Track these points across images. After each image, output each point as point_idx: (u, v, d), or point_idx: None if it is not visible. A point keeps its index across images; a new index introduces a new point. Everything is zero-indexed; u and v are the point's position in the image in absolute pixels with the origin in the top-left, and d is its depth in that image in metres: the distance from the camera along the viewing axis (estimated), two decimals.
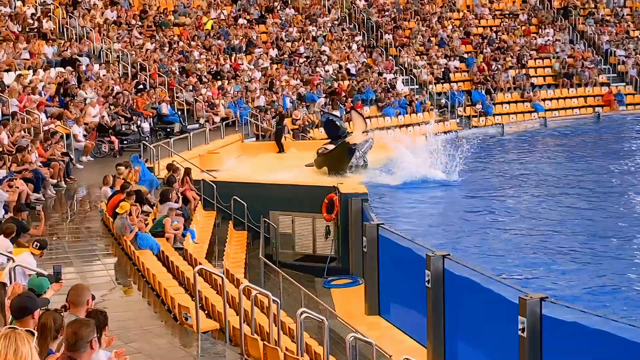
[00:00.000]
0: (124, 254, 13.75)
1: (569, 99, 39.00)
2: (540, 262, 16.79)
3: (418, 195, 22.27)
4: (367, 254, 14.75)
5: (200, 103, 27.81)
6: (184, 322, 10.27)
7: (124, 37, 30.69)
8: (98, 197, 17.51)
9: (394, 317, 14.12)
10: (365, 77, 34.44)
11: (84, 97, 23.93)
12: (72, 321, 5.52)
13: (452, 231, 19.14)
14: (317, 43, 36.36)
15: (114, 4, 33.06)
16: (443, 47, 39.27)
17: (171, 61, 30.34)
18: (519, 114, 37.19)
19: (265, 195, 19.06)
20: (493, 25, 42.53)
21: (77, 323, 5.42)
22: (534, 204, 21.95)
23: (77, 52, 27.48)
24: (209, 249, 16.33)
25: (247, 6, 37.50)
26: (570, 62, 40.26)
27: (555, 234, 18.92)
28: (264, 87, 31.19)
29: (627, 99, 39.67)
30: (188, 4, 35.82)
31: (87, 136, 22.33)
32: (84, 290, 6.81)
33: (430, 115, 34.24)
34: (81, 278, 12.06)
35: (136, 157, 19.33)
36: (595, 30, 43.15)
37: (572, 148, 31.51)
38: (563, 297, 12.54)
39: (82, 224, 16.27)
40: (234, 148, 25.94)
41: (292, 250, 18.57)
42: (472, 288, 11.50)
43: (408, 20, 40.80)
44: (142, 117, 24.69)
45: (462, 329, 11.90)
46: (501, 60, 39.16)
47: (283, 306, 11.45)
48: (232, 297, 11.23)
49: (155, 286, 11.75)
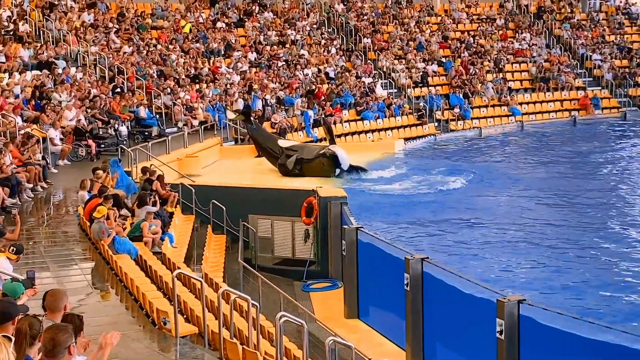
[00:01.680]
0: (101, 258, 13.65)
1: (546, 103, 39.31)
2: (518, 265, 16.90)
3: (397, 199, 22.32)
4: (346, 258, 14.75)
5: (179, 106, 27.71)
6: (162, 326, 10.21)
7: (101, 40, 30.51)
8: (75, 201, 17.38)
9: (373, 320, 14.13)
10: (344, 81, 34.50)
11: (58, 100, 23.76)
12: (49, 327, 5.46)
13: (430, 234, 19.22)
14: (296, 47, 36.37)
15: (91, 7, 32.87)
16: (421, 51, 39.46)
17: (149, 64, 30.22)
18: (496, 118, 37.42)
19: (244, 199, 19.01)
20: (470, 29, 42.78)
21: (55, 328, 5.36)
22: (511, 207, 22.09)
23: (54, 55, 27.29)
24: (187, 253, 16.25)
25: (226, 9, 37.44)
26: (547, 67, 40.61)
27: (532, 237, 19.06)
28: (243, 91, 31.14)
29: (602, 103, 40.09)
30: (166, 7, 35.70)
31: (63, 140, 22.17)
32: (61, 296, 6.75)
33: (409, 119, 34.41)
34: (58, 283, 11.96)
35: (116, 161, 19.22)
36: (571, 34, 43.53)
37: (549, 151, 31.74)
38: (541, 299, 12.61)
39: (58, 228, 16.13)
40: (212, 152, 25.88)
41: (271, 254, 18.53)
42: (450, 291, 11.53)
43: (386, 25, 40.95)
44: (119, 121, 24.55)
45: (441, 332, 11.93)
46: (479, 65, 39.41)
47: (262, 310, 11.41)
48: (211, 301, 11.18)
49: (133, 291, 11.67)
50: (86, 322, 6.57)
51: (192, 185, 19.45)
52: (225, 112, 27.83)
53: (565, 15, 45.06)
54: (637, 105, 40.83)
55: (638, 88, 41.37)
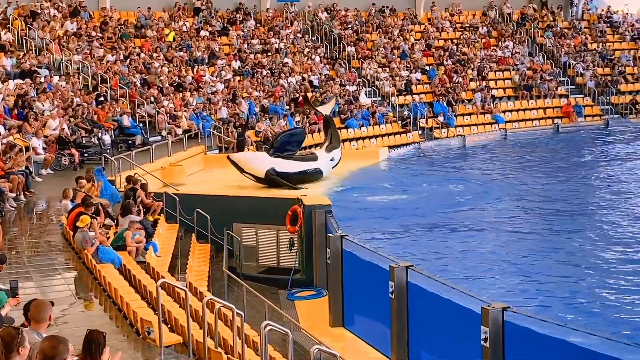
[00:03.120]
0: (84, 267, 13.58)
1: (529, 111, 39.53)
2: (503, 272, 16.94)
3: (381, 207, 22.35)
4: (331, 266, 14.74)
5: (162, 115, 27.64)
6: (146, 336, 10.16)
7: (84, 48, 30.42)
8: (58, 211, 17.28)
9: (358, 328, 14.12)
10: (328, 89, 34.55)
11: (41, 110, 23.65)
12: (51, 336, 5.46)
13: (415, 242, 19.24)
14: (280, 55, 36.40)
15: (74, 16, 32.76)
16: (405, 60, 39.59)
17: (132, 73, 30.15)
18: (480, 126, 37.58)
19: (229, 208, 18.97)
20: (454, 37, 42.97)
21: (56, 339, 5.37)
22: (495, 215, 22.16)
23: (37, 63, 27.18)
24: (171, 262, 16.19)
25: (209, 18, 37.43)
26: (530, 75, 40.84)
27: (516, 244, 19.12)
28: (227, 99, 31.11)
29: (585, 111, 40.36)
30: (149, 15, 35.64)
31: (46, 149, 22.06)
32: (46, 306, 6.70)
33: (393, 127, 34.51)
34: (41, 292, 11.89)
35: (100, 170, 19.14)
36: (553, 42, 43.83)
37: (532, 159, 31.90)
38: (525, 307, 12.66)
39: (42, 238, 16.04)
40: (196, 160, 25.82)
41: (256, 263, 18.50)
42: (435, 299, 11.55)
43: (370, 33, 41.06)
44: (102, 130, 24.46)
45: (426, 340, 11.94)
46: (462, 73, 39.60)
47: (247, 319, 11.38)
48: (195, 310, 11.14)
49: (117, 300, 11.61)
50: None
51: (176, 194, 19.39)
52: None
53: (548, 23, 45.37)
54: (619, 112, 41.14)
55: (620, 96, 41.68)
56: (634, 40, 45.52)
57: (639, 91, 42.28)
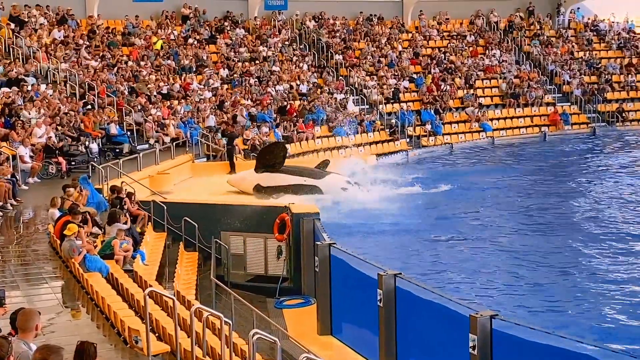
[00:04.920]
0: (72, 276, 13.51)
1: (516, 119, 39.71)
2: (490, 280, 16.97)
3: (369, 215, 22.34)
4: (319, 274, 14.71)
5: (150, 123, 27.58)
6: (134, 345, 10.11)
7: (72, 57, 30.35)
8: (45, 219, 17.20)
9: (346, 336, 14.10)
10: (316, 97, 34.58)
11: (28, 118, 23.56)
12: (44, 346, 5.41)
13: (404, 250, 19.25)
14: (268, 63, 36.43)
15: (61, 24, 32.69)
16: (392, 68, 39.69)
17: (120, 81, 30.09)
18: (467, 134, 37.71)
19: (217, 216, 18.92)
20: (441, 46, 43.13)
21: (48, 349, 5.33)
22: (483, 223, 22.21)
23: (24, 72, 27.09)
24: (159, 270, 16.12)
25: (197, 26, 37.42)
26: (517, 83, 41.04)
27: (503, 252, 19.17)
28: (214, 107, 31.09)
29: (572, 119, 40.56)
30: (137, 23, 35.61)
31: (33, 157, 21.97)
32: (33, 315, 6.66)
33: (381, 135, 34.57)
34: (28, 302, 11.81)
35: (85, 178, 19.06)
36: (540, 51, 44.05)
37: (519, 167, 32.01)
38: (513, 314, 12.67)
39: (28, 247, 15.95)
40: (184, 168, 25.76)
41: (244, 271, 18.44)
42: (423, 307, 11.55)
43: (358, 41, 41.17)
44: (90, 138, 24.38)
45: (415, 348, 11.93)
46: (449, 81, 39.73)
47: (235, 327, 11.34)
48: (183, 319, 11.10)
49: (104, 309, 11.56)
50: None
51: (164, 202, 19.32)
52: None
53: (535, 32, 45.61)
54: (606, 120, 41.37)
55: (607, 104, 41.93)
56: (620, 49, 45.82)
57: (625, 99, 42.55)
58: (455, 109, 38.58)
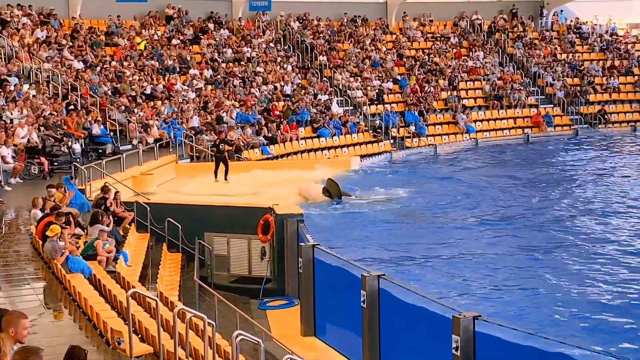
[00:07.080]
0: (54, 277, 13.44)
1: (499, 120, 39.90)
2: (474, 281, 17.02)
3: (354, 217, 22.38)
4: (303, 275, 14.71)
5: (133, 124, 27.48)
6: (116, 346, 10.07)
7: (55, 57, 30.18)
8: (27, 220, 17.10)
9: (330, 337, 14.09)
10: (300, 98, 34.58)
11: (10, 118, 23.42)
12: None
13: (387, 251, 19.27)
14: (252, 64, 36.39)
15: (44, 24, 32.50)
16: (377, 69, 39.76)
17: (103, 81, 29.96)
18: (451, 135, 37.84)
19: (200, 217, 18.86)
20: (425, 47, 43.26)
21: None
22: (467, 224, 22.26)
23: (6, 72, 26.91)
24: (142, 271, 16.06)
25: (181, 27, 37.32)
26: (500, 84, 41.23)
27: (486, 254, 19.22)
28: (198, 108, 31.01)
29: (554, 121, 40.80)
30: (120, 24, 35.46)
31: (15, 158, 21.83)
32: (11, 319, 6.60)
33: (365, 136, 34.61)
34: (10, 303, 11.74)
35: (68, 179, 18.96)
36: (524, 53, 44.27)
37: (502, 168, 32.13)
38: (496, 315, 12.71)
39: (10, 248, 15.84)
40: (168, 169, 25.68)
41: (227, 272, 18.39)
42: (407, 308, 11.57)
43: (342, 42, 41.21)
44: (72, 138, 24.26)
45: (398, 349, 11.95)
46: (433, 82, 39.85)
47: (218, 328, 11.31)
48: (166, 320, 11.07)
49: (86, 310, 11.50)
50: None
51: (147, 203, 19.25)
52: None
53: (518, 34, 45.82)
54: (588, 122, 41.64)
55: (589, 106, 42.21)
56: (603, 51, 46.14)
57: (607, 101, 42.84)
58: (439, 111, 38.69)
